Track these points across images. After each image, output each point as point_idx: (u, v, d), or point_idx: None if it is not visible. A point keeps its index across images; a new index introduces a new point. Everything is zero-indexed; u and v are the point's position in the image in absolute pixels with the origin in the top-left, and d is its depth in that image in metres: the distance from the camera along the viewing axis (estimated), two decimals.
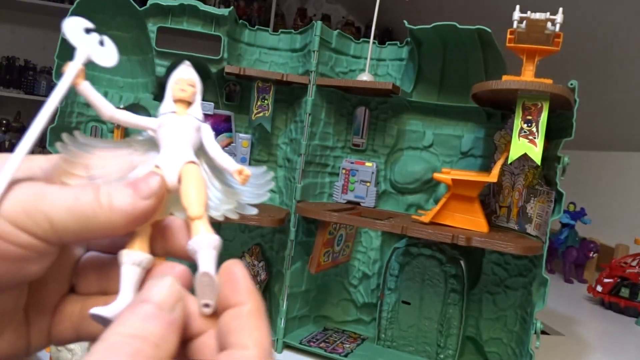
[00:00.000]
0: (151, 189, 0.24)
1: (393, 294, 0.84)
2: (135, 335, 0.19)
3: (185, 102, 0.29)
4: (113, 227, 0.23)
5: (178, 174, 0.26)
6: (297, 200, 0.83)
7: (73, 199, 0.22)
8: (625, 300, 1.19)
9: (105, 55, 0.28)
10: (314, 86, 0.83)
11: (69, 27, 0.28)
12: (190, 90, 0.29)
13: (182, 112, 0.28)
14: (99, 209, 0.23)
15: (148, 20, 0.82)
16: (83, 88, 0.26)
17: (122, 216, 0.23)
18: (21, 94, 2.70)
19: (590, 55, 1.65)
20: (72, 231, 0.22)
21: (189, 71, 0.29)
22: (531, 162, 0.70)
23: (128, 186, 0.24)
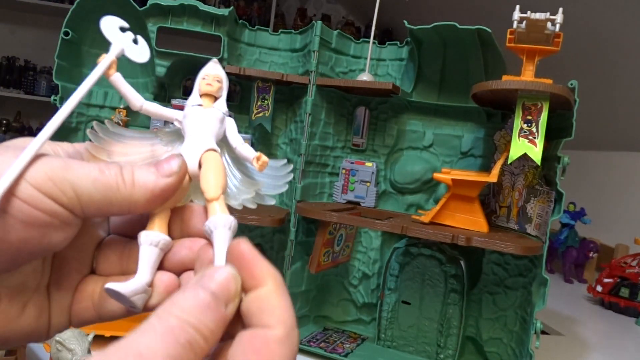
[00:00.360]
0: (172, 168, 0.25)
1: (393, 294, 0.84)
2: (191, 323, 0.19)
3: (211, 96, 0.30)
4: (135, 202, 0.24)
5: (199, 161, 0.27)
6: (297, 200, 0.83)
7: (98, 171, 0.23)
8: (625, 300, 1.19)
9: (138, 52, 0.29)
10: (314, 86, 0.83)
11: (105, 24, 0.29)
12: (217, 85, 0.30)
13: (207, 105, 0.30)
14: (122, 184, 0.24)
15: (148, 20, 0.82)
16: (115, 79, 0.28)
17: (144, 192, 0.24)
18: (21, 94, 2.70)
19: (590, 55, 1.65)
20: (95, 202, 0.23)
21: (216, 67, 0.31)
22: (531, 162, 0.70)
23: (150, 165, 0.25)
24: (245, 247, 0.22)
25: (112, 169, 0.24)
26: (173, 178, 0.25)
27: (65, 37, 0.80)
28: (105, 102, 0.87)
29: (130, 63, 0.30)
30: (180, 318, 0.19)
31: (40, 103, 2.68)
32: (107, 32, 0.29)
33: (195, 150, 0.27)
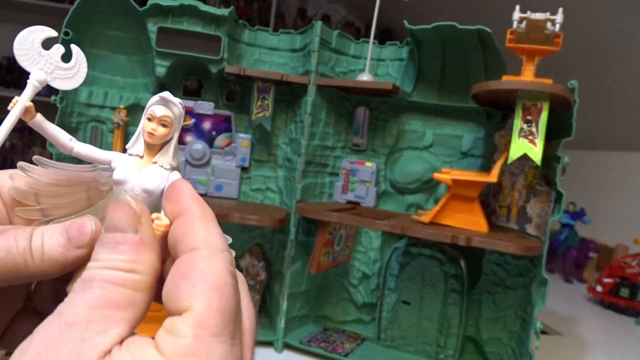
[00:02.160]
0: (84, 239, 0.23)
1: (393, 294, 0.84)
2: (104, 266, 0.20)
3: (155, 145, 0.25)
4: (44, 274, 0.23)
5: None
6: (297, 200, 0.83)
7: (5, 252, 0.22)
8: (625, 300, 1.19)
9: (68, 75, 0.25)
10: (314, 86, 0.83)
11: (20, 43, 0.23)
12: (162, 132, 0.25)
13: (145, 162, 0.25)
14: (31, 260, 0.22)
15: (148, 20, 0.82)
16: (36, 122, 0.24)
17: (53, 265, 0.23)
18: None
19: (590, 55, 1.65)
20: (2, 280, 0.22)
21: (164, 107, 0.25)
22: (531, 162, 0.70)
23: (62, 233, 0.23)
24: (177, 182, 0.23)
25: (21, 242, 0.22)
26: (85, 250, 0.23)
27: (65, 37, 0.80)
28: (105, 102, 0.87)
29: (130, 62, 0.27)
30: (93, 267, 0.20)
31: (40, 103, 2.65)
32: (24, 54, 0.23)
33: None
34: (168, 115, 0.25)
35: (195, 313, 0.19)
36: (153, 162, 0.25)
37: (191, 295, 0.19)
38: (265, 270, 0.90)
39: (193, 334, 0.18)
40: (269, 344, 0.83)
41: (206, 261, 0.20)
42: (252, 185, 0.93)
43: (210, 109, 0.88)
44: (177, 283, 0.20)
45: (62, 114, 0.81)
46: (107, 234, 0.21)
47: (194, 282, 0.19)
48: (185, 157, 0.89)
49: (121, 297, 0.19)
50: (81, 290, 0.19)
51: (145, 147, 0.25)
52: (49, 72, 0.24)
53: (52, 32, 0.24)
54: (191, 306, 0.19)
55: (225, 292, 0.20)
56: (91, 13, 0.83)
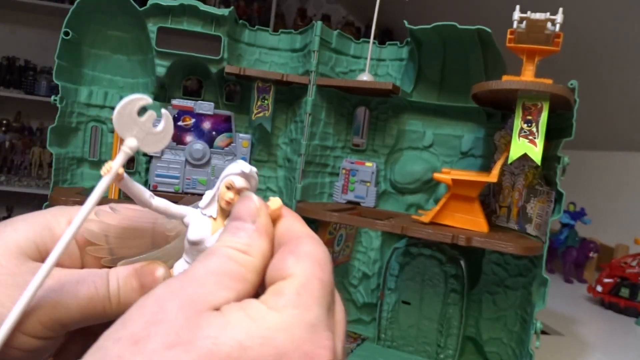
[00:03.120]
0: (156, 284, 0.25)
1: (393, 294, 0.84)
2: (225, 245, 0.23)
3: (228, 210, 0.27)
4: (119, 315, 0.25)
5: None
6: (297, 200, 0.83)
7: (87, 300, 0.25)
8: (625, 300, 1.19)
9: (156, 139, 0.26)
10: (314, 86, 0.83)
11: (120, 113, 0.25)
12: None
13: (218, 224, 0.27)
14: (109, 306, 0.25)
15: (148, 20, 0.82)
16: (122, 185, 0.26)
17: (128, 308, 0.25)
18: (21, 94, 2.70)
19: (590, 56, 1.65)
20: (80, 324, 0.25)
21: (244, 180, 0.27)
22: (531, 162, 0.70)
23: (136, 279, 0.26)
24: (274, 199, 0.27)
25: (100, 289, 0.25)
26: None
27: (65, 37, 0.80)
28: (105, 102, 0.88)
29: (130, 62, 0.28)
30: (217, 246, 0.24)
31: (40, 103, 2.67)
32: (122, 122, 0.25)
33: None
34: (246, 188, 0.27)
35: (298, 277, 0.22)
36: (225, 225, 0.27)
37: (296, 265, 0.22)
38: None
39: (296, 292, 0.21)
40: None
41: (310, 244, 0.24)
42: None
43: (210, 109, 0.88)
44: (284, 256, 0.23)
45: (62, 114, 0.81)
46: (231, 222, 0.25)
47: (299, 255, 0.23)
48: (185, 157, 0.89)
49: (234, 270, 0.22)
50: (203, 259, 0.23)
51: (218, 209, 0.27)
52: (141, 139, 0.25)
53: (148, 100, 0.25)
54: (295, 273, 0.22)
55: (325, 267, 0.23)
56: (91, 13, 0.83)
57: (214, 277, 0.21)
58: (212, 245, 0.24)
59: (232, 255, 0.23)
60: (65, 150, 0.84)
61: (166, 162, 0.89)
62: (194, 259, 0.27)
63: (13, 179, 2.56)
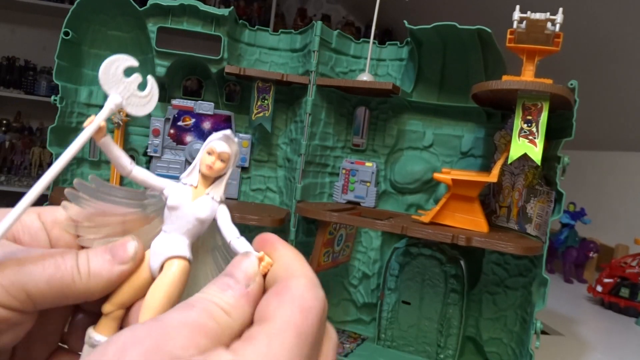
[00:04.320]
0: (128, 254, 0.25)
1: (393, 294, 0.84)
2: (209, 299, 0.21)
3: (210, 177, 0.27)
4: (91, 292, 0.24)
5: (161, 264, 0.26)
6: (297, 200, 0.83)
7: (54, 268, 0.23)
8: (625, 300, 1.19)
9: (141, 103, 0.26)
10: (314, 86, 0.83)
11: (106, 69, 0.25)
12: (219, 166, 0.27)
13: (199, 191, 0.27)
14: (78, 277, 0.24)
15: (148, 20, 0.82)
16: (104, 142, 0.26)
17: (99, 282, 0.24)
18: (21, 94, 2.70)
19: (590, 55, 1.65)
20: (50, 299, 0.23)
21: (226, 143, 0.27)
22: (531, 162, 0.70)
23: (106, 251, 0.25)
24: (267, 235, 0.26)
25: (68, 261, 0.24)
26: (128, 265, 0.25)
27: (65, 37, 0.80)
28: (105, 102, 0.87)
29: None
30: (201, 297, 0.22)
31: (40, 103, 2.67)
32: (107, 78, 0.25)
33: (162, 251, 0.26)
34: (227, 152, 0.27)
35: (274, 324, 0.20)
36: (206, 193, 0.27)
37: (276, 309, 0.21)
38: None
39: (266, 342, 0.20)
40: None
41: (301, 287, 0.22)
42: (252, 185, 0.93)
43: (210, 109, 0.88)
44: (269, 298, 0.22)
45: (62, 114, 0.81)
46: (225, 277, 0.23)
47: (283, 299, 0.21)
48: (185, 157, 0.89)
49: (209, 328, 0.20)
50: (182, 307, 0.21)
51: (200, 178, 0.27)
52: (125, 98, 0.26)
53: (134, 61, 0.26)
54: (273, 318, 0.20)
55: (309, 316, 0.21)
56: (91, 13, 0.83)
57: (187, 331, 0.20)
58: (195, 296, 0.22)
59: (213, 313, 0.21)
60: None
61: (166, 162, 0.89)
62: (174, 227, 0.26)
63: (13, 179, 2.56)
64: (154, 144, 0.88)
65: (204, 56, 0.84)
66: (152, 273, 0.26)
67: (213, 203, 0.27)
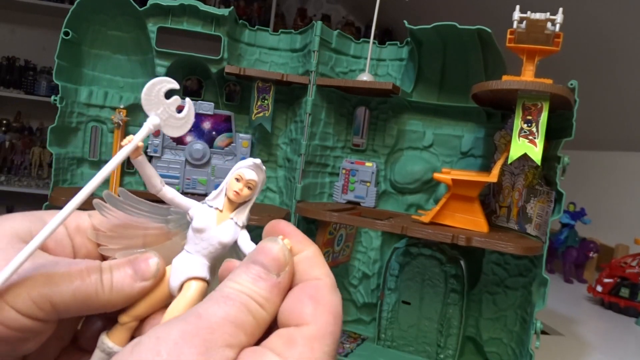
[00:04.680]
0: (150, 272, 0.26)
1: (393, 294, 0.84)
2: (245, 292, 0.22)
3: (235, 202, 0.28)
4: (112, 305, 0.25)
5: (181, 284, 0.27)
6: (297, 200, 0.83)
7: (80, 281, 0.24)
8: (625, 300, 1.19)
9: (177, 124, 0.27)
10: (314, 86, 0.83)
11: (149, 90, 0.26)
12: (246, 193, 0.28)
13: (224, 215, 0.28)
14: (101, 290, 0.25)
15: (148, 20, 0.82)
16: (140, 161, 0.27)
17: (120, 296, 0.25)
18: (21, 94, 2.70)
19: (590, 55, 1.65)
20: (73, 310, 0.24)
21: (254, 172, 0.28)
22: (531, 162, 0.70)
23: (129, 266, 0.26)
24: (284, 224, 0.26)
25: (92, 275, 0.25)
26: (149, 282, 0.26)
27: (65, 37, 0.80)
28: (105, 102, 0.87)
29: (130, 62, 0.29)
30: (235, 288, 0.22)
31: (40, 103, 2.67)
32: (149, 100, 0.26)
33: (183, 270, 0.27)
34: (255, 180, 0.28)
35: (314, 329, 0.22)
36: (230, 217, 0.28)
37: (314, 314, 0.22)
38: None
39: (310, 346, 0.21)
40: None
41: (330, 293, 0.23)
42: None
43: (210, 109, 0.88)
44: (303, 300, 0.23)
45: (62, 114, 0.81)
46: (255, 265, 0.24)
47: (318, 304, 0.23)
48: (185, 157, 0.89)
49: (248, 324, 0.22)
50: (221, 301, 0.22)
51: (225, 202, 0.28)
52: (164, 119, 0.26)
53: (175, 85, 0.27)
54: (311, 322, 0.22)
55: (339, 320, 0.23)
56: (91, 13, 0.83)
57: (230, 328, 0.21)
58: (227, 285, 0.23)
59: (250, 307, 0.22)
60: (65, 150, 0.84)
61: (166, 162, 0.89)
62: (196, 248, 0.27)
63: (13, 179, 2.56)
64: (154, 144, 0.88)
65: (204, 56, 0.84)
66: (170, 290, 0.27)
67: (236, 228, 0.28)
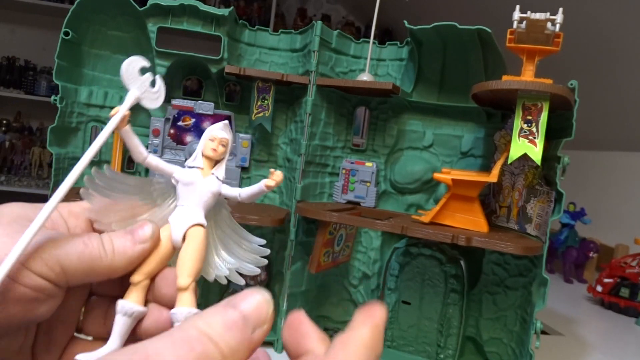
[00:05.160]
0: (146, 235, 0.28)
1: (393, 294, 0.84)
2: (212, 337, 0.19)
3: (213, 160, 0.32)
4: (115, 268, 0.27)
5: (184, 234, 0.30)
6: (297, 200, 0.83)
7: (83, 245, 0.26)
8: (625, 300, 1.19)
9: (153, 97, 0.30)
10: (314, 86, 0.83)
11: (127, 67, 0.29)
12: (221, 150, 0.32)
13: (206, 171, 0.31)
14: (104, 254, 0.26)
15: (148, 20, 0.82)
16: (126, 131, 0.30)
17: (122, 259, 0.27)
18: (21, 94, 2.70)
19: (590, 55, 1.65)
20: (80, 273, 0.26)
21: (225, 130, 0.32)
22: (531, 162, 0.70)
23: (126, 233, 0.28)
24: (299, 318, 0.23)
25: (94, 240, 0.27)
26: (147, 244, 0.28)
27: (65, 37, 0.80)
28: (105, 102, 0.87)
29: None
30: (202, 330, 0.19)
31: (40, 103, 2.67)
32: (127, 76, 0.29)
33: (183, 222, 0.30)
34: (227, 138, 0.32)
35: None
36: (211, 173, 0.31)
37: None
38: (265, 270, 0.90)
39: None
40: (269, 344, 0.83)
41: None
42: None
43: (210, 109, 0.88)
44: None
45: (62, 114, 0.81)
46: (234, 310, 0.21)
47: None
48: (185, 156, 0.89)
49: None
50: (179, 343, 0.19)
51: (203, 161, 0.31)
52: (141, 92, 0.30)
53: (147, 62, 0.30)
54: None
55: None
56: (91, 13, 0.83)
57: None
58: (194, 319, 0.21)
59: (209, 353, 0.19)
60: (65, 150, 0.84)
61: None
62: (189, 201, 0.30)
63: (13, 179, 2.56)
64: (154, 144, 0.88)
65: (204, 56, 0.84)
66: (174, 244, 0.30)
67: (218, 181, 0.32)
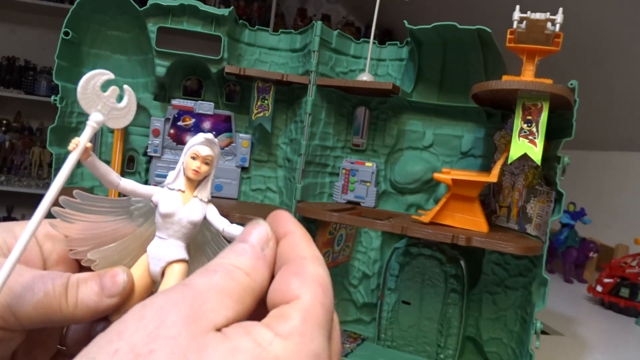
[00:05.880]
0: (118, 288, 0.26)
1: (393, 294, 0.84)
2: (232, 263, 0.23)
3: (195, 180, 0.28)
4: (76, 319, 0.25)
5: (162, 269, 0.27)
6: (297, 200, 0.83)
7: (42, 295, 0.24)
8: (625, 300, 1.19)
9: (120, 114, 0.26)
10: (314, 86, 0.83)
11: (83, 88, 0.25)
12: (204, 169, 0.28)
13: (187, 195, 0.28)
14: (65, 306, 0.24)
15: (148, 20, 0.82)
16: (90, 162, 0.26)
17: (86, 312, 0.25)
18: (21, 94, 2.70)
19: (590, 56, 1.65)
20: (35, 322, 0.24)
21: (209, 147, 0.28)
22: (531, 162, 0.70)
23: (96, 282, 0.25)
24: (280, 211, 0.27)
25: (57, 287, 0.24)
26: (116, 299, 0.25)
27: (65, 37, 0.80)
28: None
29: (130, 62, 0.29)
30: (219, 262, 0.23)
31: (40, 103, 2.67)
32: (85, 98, 0.25)
33: (162, 256, 0.27)
34: (211, 155, 0.28)
35: (303, 301, 0.22)
36: (194, 195, 0.28)
37: (301, 288, 0.22)
38: None
39: (301, 317, 0.21)
40: None
41: (314, 266, 0.23)
42: (252, 185, 0.93)
43: (210, 109, 0.88)
44: (288, 278, 0.23)
45: (62, 114, 0.81)
46: (239, 243, 0.24)
47: (304, 278, 0.22)
48: None
49: (235, 291, 0.22)
50: (204, 272, 0.22)
51: (185, 181, 0.28)
52: (105, 114, 0.25)
53: (110, 75, 0.25)
54: (300, 296, 0.22)
55: (328, 291, 0.23)
56: (91, 13, 0.83)
57: (216, 295, 0.21)
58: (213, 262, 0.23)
59: (234, 275, 0.22)
60: (65, 150, 0.84)
61: (166, 162, 0.89)
62: (169, 232, 0.27)
63: (13, 179, 2.56)
64: (154, 144, 0.88)
65: (204, 56, 0.84)
66: (153, 277, 0.27)
67: (202, 205, 0.28)
